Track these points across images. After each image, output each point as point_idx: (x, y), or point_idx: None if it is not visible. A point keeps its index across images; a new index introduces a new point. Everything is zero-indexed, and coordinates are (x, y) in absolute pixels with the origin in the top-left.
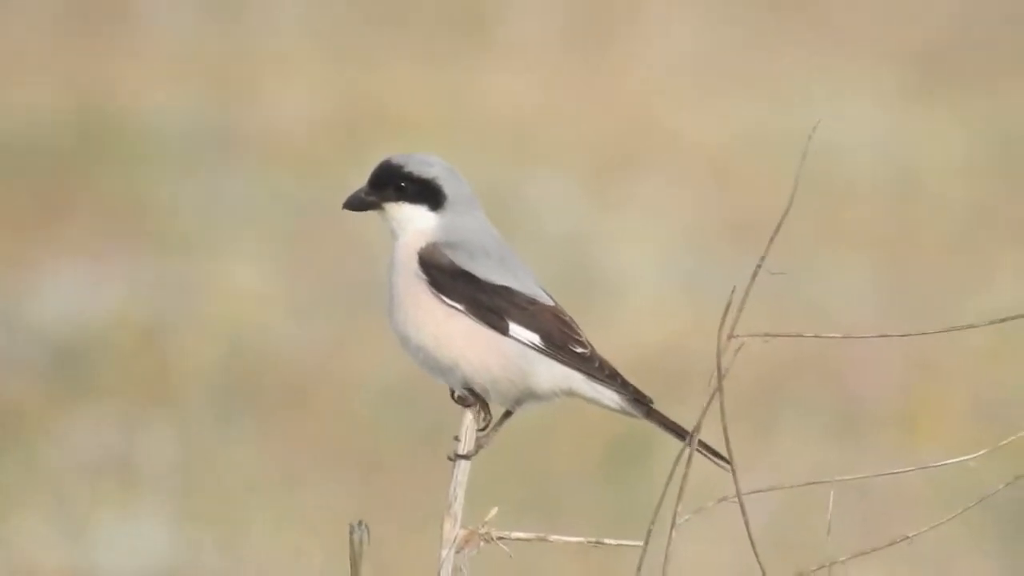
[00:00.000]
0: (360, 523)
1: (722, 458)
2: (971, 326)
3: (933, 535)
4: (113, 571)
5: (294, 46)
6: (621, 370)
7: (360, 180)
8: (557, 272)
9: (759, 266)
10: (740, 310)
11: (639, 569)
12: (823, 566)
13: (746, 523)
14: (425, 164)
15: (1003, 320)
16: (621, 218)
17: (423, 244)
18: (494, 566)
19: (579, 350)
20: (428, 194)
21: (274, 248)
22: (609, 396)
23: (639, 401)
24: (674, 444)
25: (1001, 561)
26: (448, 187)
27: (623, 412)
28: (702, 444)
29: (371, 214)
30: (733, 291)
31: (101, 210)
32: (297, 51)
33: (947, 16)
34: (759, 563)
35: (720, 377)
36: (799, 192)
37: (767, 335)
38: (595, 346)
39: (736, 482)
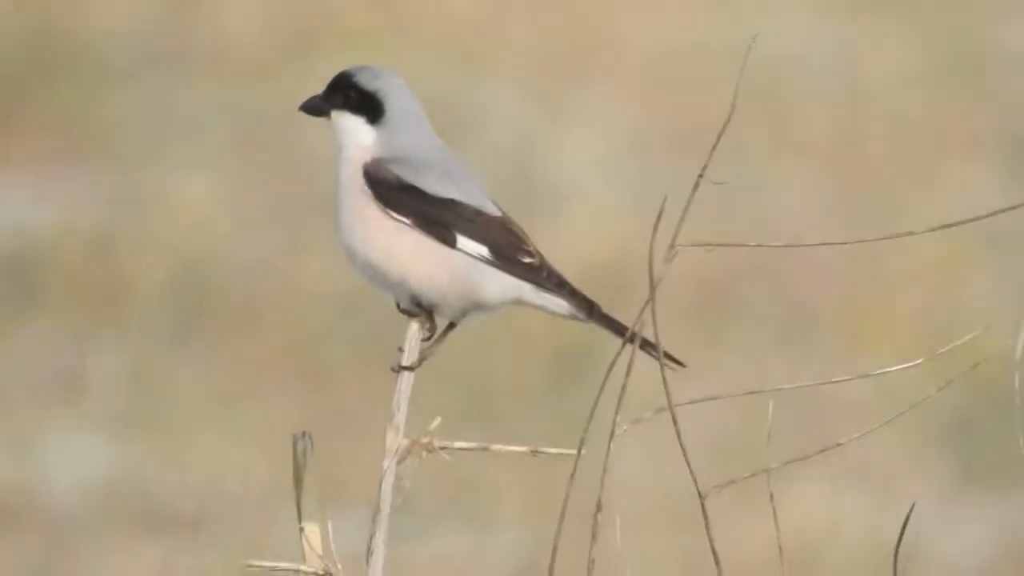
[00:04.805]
0: (304, 434)
1: (671, 358)
2: (910, 233)
3: (878, 446)
4: (59, 484)
5: None
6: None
7: (308, 91)
8: (502, 182)
9: (700, 176)
10: (682, 219)
11: (572, 477)
12: (754, 474)
13: (677, 433)
14: (372, 76)
15: (944, 227)
16: (566, 127)
17: (368, 159)
18: (437, 476)
19: (527, 260)
20: (369, 106)
21: (223, 160)
22: (557, 303)
23: (585, 305)
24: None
25: (941, 473)
26: (390, 102)
27: (571, 317)
28: (644, 341)
29: (323, 124)
30: (664, 200)
31: (48, 125)
32: None
33: None
34: (691, 472)
35: (653, 286)
36: (747, 103)
37: (709, 244)
38: (543, 255)
39: (667, 392)
